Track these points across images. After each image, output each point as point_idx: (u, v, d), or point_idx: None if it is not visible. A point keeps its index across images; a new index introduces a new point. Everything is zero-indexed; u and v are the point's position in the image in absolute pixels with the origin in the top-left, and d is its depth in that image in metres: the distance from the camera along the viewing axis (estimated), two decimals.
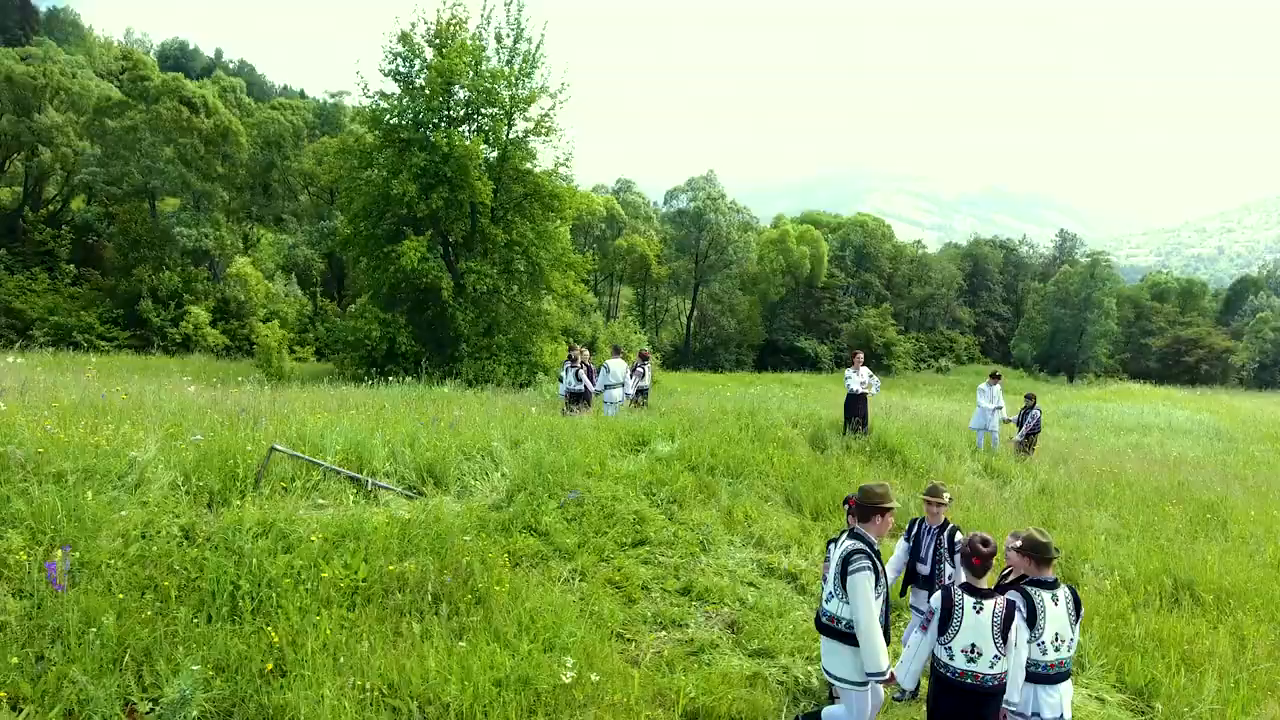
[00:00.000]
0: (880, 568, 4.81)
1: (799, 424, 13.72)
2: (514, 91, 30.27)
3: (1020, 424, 15.78)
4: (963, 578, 4.80)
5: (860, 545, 4.81)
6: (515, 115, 30.72)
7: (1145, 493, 13.05)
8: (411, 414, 11.29)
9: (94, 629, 4.63)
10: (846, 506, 5.42)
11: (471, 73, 29.81)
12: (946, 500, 6.28)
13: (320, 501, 7.48)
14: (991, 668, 4.50)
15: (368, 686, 4.80)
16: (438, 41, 29.11)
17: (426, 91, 28.63)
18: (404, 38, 29.02)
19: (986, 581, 4.75)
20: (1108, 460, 16.32)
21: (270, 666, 4.76)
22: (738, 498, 9.72)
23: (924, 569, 6.28)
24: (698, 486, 9.64)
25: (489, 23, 30.17)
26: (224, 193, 41.66)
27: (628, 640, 6.29)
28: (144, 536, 5.85)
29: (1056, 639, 4.75)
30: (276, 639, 5.04)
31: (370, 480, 8.12)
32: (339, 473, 7.93)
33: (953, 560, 6.02)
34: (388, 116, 29.00)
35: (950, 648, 4.58)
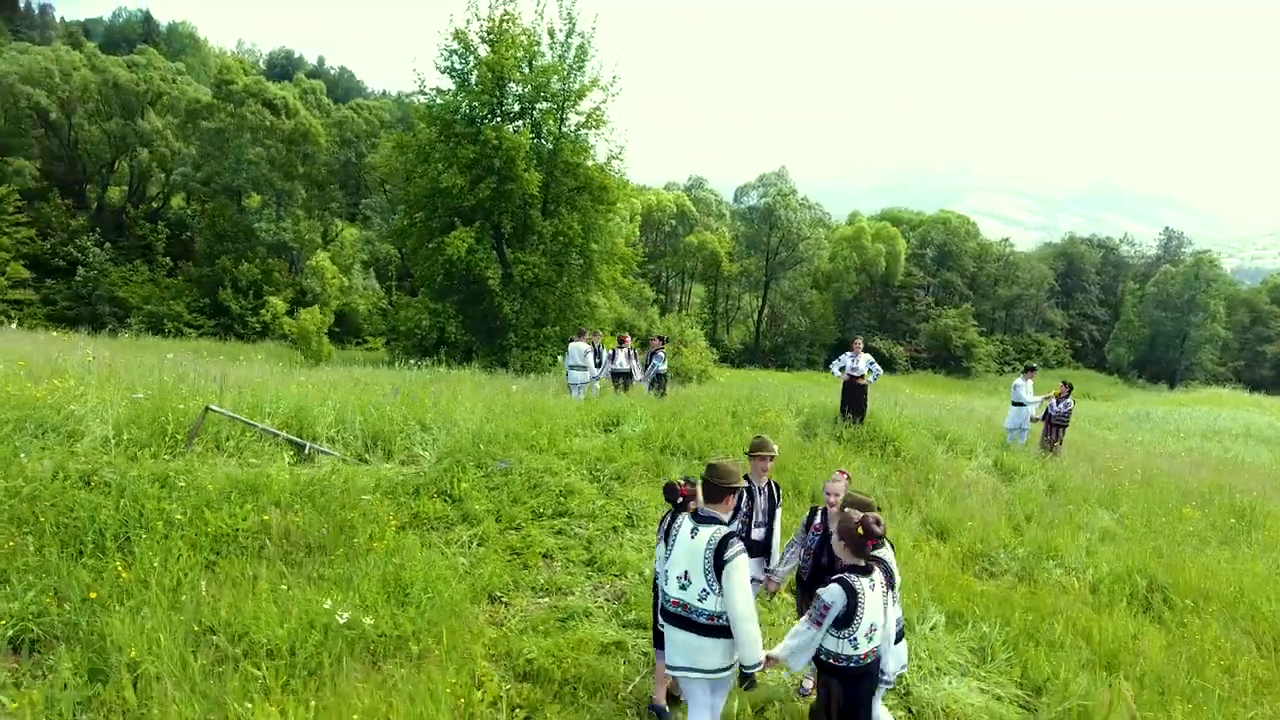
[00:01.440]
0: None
1: (800, 412, 13.34)
2: (566, 85, 30.65)
3: (1047, 416, 14.92)
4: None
5: (727, 530, 4.40)
6: (567, 108, 31.11)
7: (1169, 495, 12.09)
8: (401, 391, 11.58)
9: None
10: (668, 492, 4.73)
11: (526, 66, 30.38)
12: (768, 456, 5.73)
13: (253, 461, 7.76)
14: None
15: (200, 622, 4.97)
16: (490, 38, 29.75)
17: (479, 87, 29.30)
18: (458, 35, 29.78)
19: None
20: (1146, 461, 15.22)
21: (95, 595, 4.98)
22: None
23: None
24: (648, 465, 9.51)
25: (542, 17, 30.65)
26: (303, 190, 43.76)
27: (503, 603, 6.26)
28: (54, 479, 6.20)
29: (871, 629, 4.30)
30: (126, 575, 5.27)
31: (310, 444, 8.37)
32: (277, 435, 8.21)
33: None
34: (442, 112, 29.82)
35: (855, 638, 4.21)
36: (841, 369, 13.20)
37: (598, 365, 15.39)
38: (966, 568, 8.40)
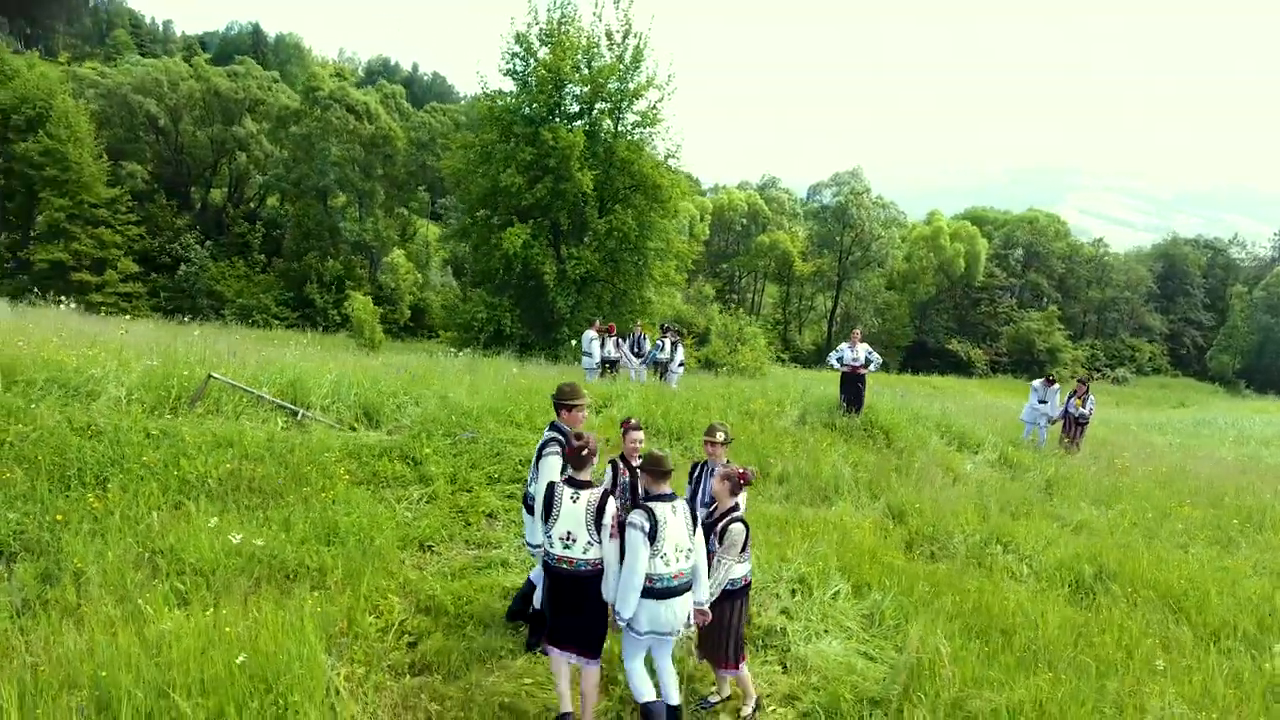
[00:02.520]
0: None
1: (796, 402, 13.55)
2: (622, 85, 31.32)
3: (1066, 414, 14.61)
4: None
5: (554, 434, 5.35)
6: (624, 108, 31.78)
7: (1181, 495, 11.74)
8: (425, 374, 12.46)
9: None
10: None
11: (585, 67, 31.24)
12: (720, 439, 6.19)
13: (247, 424, 8.66)
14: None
15: (147, 546, 5.78)
16: (550, 40, 30.72)
17: (538, 89, 30.30)
18: (519, 38, 30.87)
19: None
20: (1180, 463, 14.68)
21: (61, 518, 5.85)
22: None
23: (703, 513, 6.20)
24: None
25: (600, 19, 31.42)
26: (382, 190, 46.04)
27: (434, 552, 6.88)
28: (59, 427, 7.20)
29: (677, 549, 4.74)
30: (98, 506, 6.15)
31: (302, 411, 9.24)
32: (272, 402, 9.11)
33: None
34: (503, 113, 30.98)
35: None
36: (839, 360, 13.31)
37: (634, 354, 16.12)
38: (913, 549, 8.54)
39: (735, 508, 5.31)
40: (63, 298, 15.62)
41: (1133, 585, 7.70)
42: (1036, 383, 14.99)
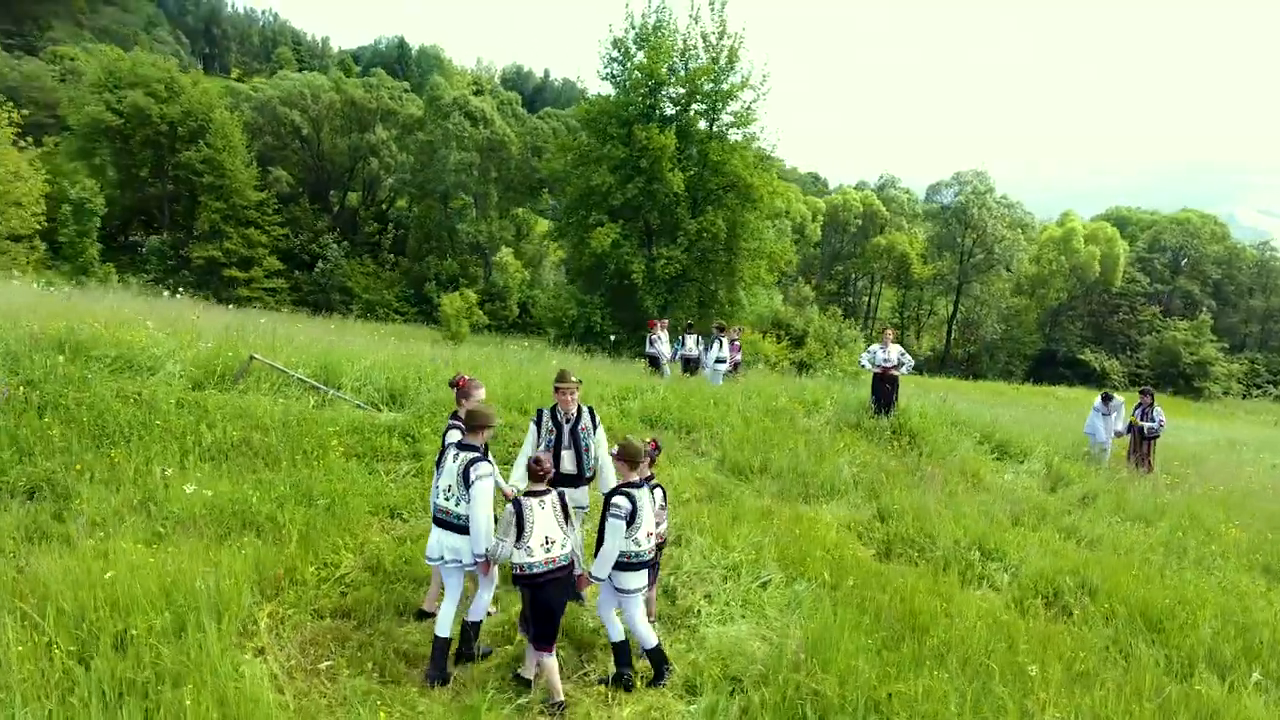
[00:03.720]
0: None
1: (818, 404, 13.47)
2: (717, 86, 31.55)
3: (1132, 428, 13.71)
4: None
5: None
6: (718, 109, 32.00)
7: (1234, 515, 10.88)
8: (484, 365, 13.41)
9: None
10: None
11: (683, 69, 31.73)
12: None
13: (282, 400, 9.72)
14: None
15: (145, 495, 6.77)
16: (646, 44, 31.37)
17: (634, 92, 31.04)
18: (617, 43, 31.74)
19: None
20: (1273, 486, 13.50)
21: (80, 468, 6.93)
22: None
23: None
24: (623, 429, 10.42)
25: (696, 21, 31.77)
26: (496, 192, 48.33)
27: (403, 519, 7.57)
28: (107, 395, 8.41)
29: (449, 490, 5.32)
30: (117, 459, 7.22)
31: (331, 391, 10.23)
32: (305, 381, 10.15)
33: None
34: (599, 116, 31.94)
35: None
36: (872, 361, 13.10)
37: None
38: (891, 551, 8.48)
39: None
40: (180, 290, 17.65)
41: (1110, 602, 7.37)
42: (1097, 402, 14.15)
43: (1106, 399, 13.93)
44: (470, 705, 4.82)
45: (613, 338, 30.11)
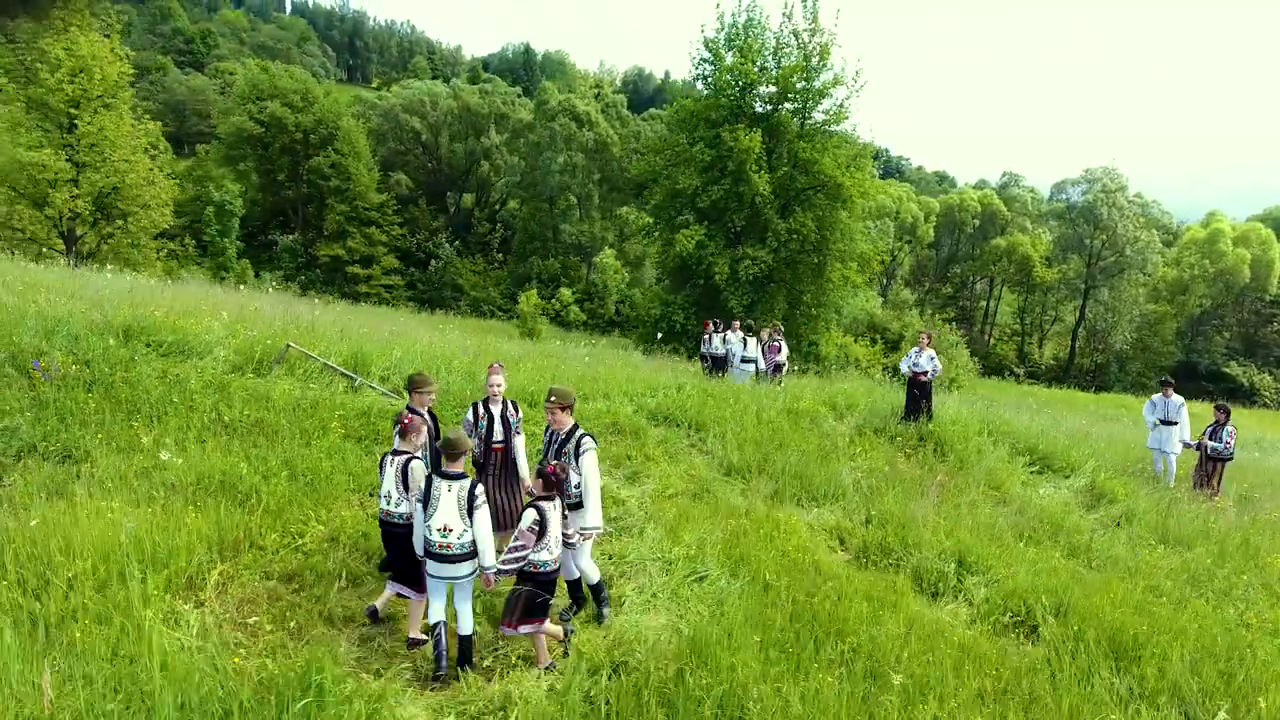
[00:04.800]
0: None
1: (849, 408, 13.18)
2: (808, 84, 31.04)
3: (1200, 449, 12.57)
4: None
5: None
6: (810, 108, 31.47)
7: None
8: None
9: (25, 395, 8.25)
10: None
11: (774, 67, 31.45)
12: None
13: (312, 386, 10.58)
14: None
15: (152, 462, 7.62)
16: (737, 44, 31.28)
17: (724, 93, 31.03)
18: (708, 44, 31.81)
19: None
20: None
21: (103, 437, 7.86)
22: (663, 442, 10.52)
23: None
24: (623, 425, 10.66)
25: (789, 19, 31.38)
26: (598, 194, 49.41)
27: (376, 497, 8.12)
28: (153, 376, 9.45)
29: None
30: (138, 430, 8.14)
31: (359, 379, 11.02)
32: (335, 369, 10.98)
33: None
34: (689, 117, 32.12)
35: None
36: (909, 366, 12.69)
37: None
38: (866, 557, 8.31)
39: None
40: (309, 287, 19.24)
41: (1082, 624, 6.97)
42: (1155, 396, 13.07)
43: (1166, 386, 12.88)
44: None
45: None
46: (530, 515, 5.58)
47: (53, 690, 4.24)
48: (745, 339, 15.73)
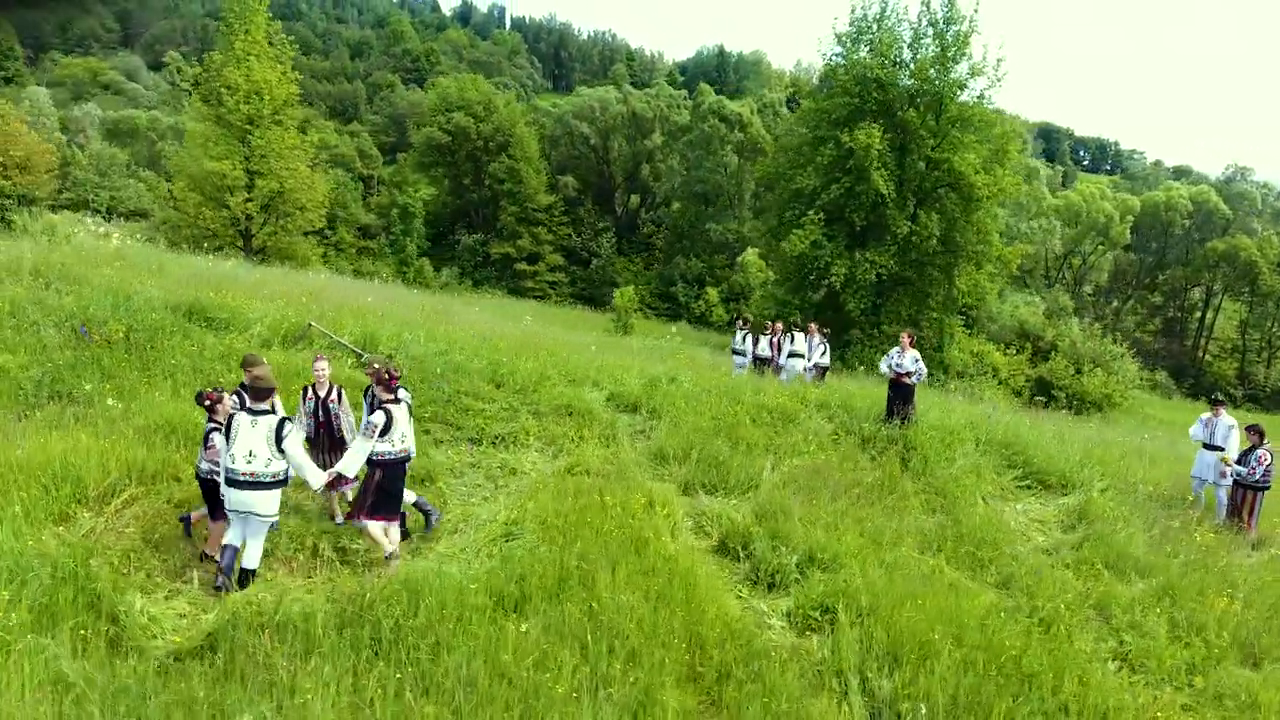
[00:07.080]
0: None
1: (835, 408, 12.95)
2: (943, 77, 29.49)
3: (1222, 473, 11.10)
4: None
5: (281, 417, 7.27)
6: (945, 101, 29.86)
7: None
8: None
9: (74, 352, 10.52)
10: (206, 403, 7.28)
11: (910, 61, 30.25)
12: (252, 369, 7.44)
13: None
14: None
15: (155, 414, 9.58)
16: (868, 39, 30.39)
17: (854, 90, 30.28)
18: (839, 39, 31.15)
19: None
20: None
21: (113, 387, 9.93)
22: (609, 426, 11.23)
23: None
24: (583, 409, 11.44)
25: (928, 8, 29.98)
26: (747, 192, 49.53)
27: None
28: (189, 345, 11.62)
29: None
30: (161, 387, 10.20)
31: (364, 354, 12.70)
32: (346, 346, 12.73)
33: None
34: (816, 116, 31.63)
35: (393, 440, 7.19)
36: (889, 366, 12.29)
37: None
38: (724, 546, 8.57)
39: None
40: (483, 283, 21.85)
41: (875, 625, 6.93)
42: (1204, 414, 11.65)
43: (1216, 405, 11.48)
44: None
45: None
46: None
47: None
48: (793, 335, 15.85)
